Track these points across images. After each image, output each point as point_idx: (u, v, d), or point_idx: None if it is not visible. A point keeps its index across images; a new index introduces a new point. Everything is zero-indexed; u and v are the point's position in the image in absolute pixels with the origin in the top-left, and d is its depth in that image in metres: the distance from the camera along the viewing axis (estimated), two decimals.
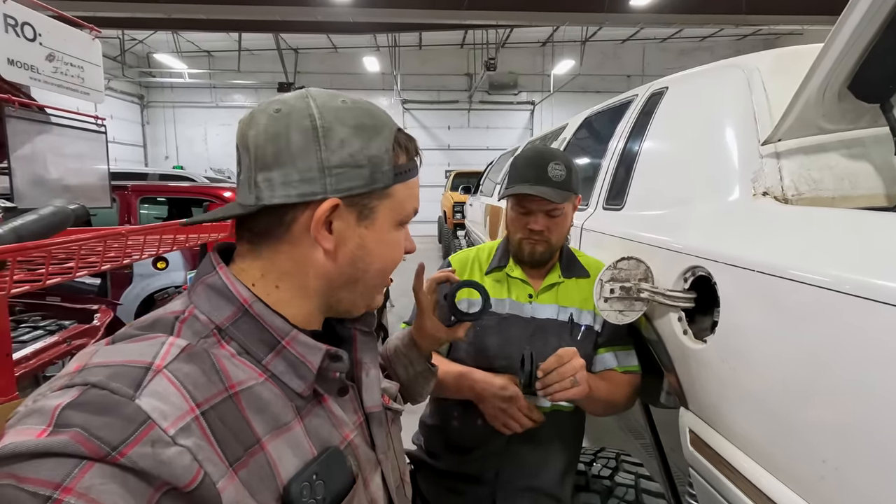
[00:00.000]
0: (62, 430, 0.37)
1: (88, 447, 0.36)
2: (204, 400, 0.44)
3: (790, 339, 0.76)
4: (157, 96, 14.40)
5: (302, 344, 0.53)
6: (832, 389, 0.69)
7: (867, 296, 0.65)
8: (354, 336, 0.65)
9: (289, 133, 0.50)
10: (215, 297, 0.52)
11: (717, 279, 0.92)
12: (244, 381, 0.48)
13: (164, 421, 0.40)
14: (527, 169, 1.18)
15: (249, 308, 0.52)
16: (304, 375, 0.52)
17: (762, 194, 1.00)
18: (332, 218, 0.53)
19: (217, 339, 0.50)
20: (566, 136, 2.56)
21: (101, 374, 0.41)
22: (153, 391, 0.41)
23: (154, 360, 0.43)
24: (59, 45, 1.38)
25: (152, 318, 0.50)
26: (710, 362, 0.94)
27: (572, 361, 1.02)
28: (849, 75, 0.89)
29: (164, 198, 5.03)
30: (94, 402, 0.39)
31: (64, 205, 1.08)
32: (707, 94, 1.31)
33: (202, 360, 0.46)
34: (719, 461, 0.90)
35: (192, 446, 0.41)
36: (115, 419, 0.38)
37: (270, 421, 0.49)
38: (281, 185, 0.50)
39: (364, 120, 0.53)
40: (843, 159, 1.02)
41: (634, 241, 1.25)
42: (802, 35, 12.00)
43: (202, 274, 0.53)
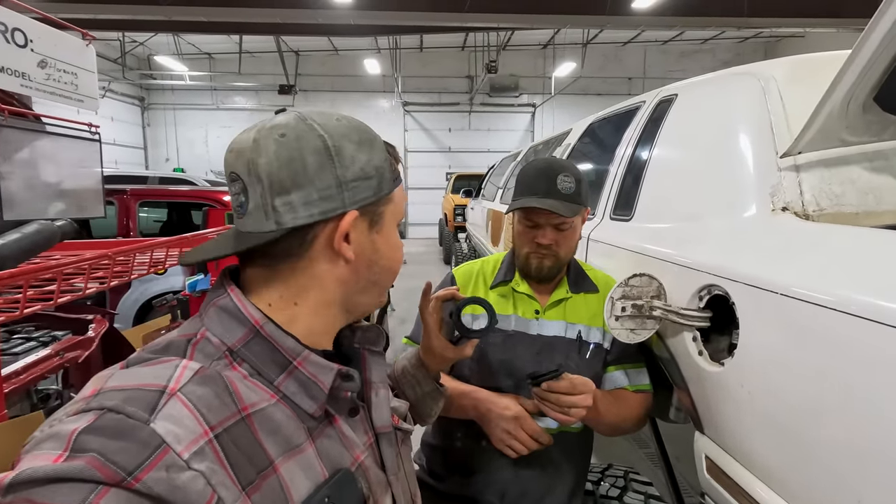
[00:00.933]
0: (78, 456, 0.37)
1: (104, 472, 0.37)
2: (217, 423, 0.45)
3: (813, 365, 0.72)
4: (158, 98, 14.38)
5: (313, 364, 0.53)
6: (857, 418, 0.65)
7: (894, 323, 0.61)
8: (363, 356, 0.65)
9: (303, 156, 0.52)
10: (227, 320, 0.52)
11: (736, 299, 0.88)
12: (256, 403, 0.49)
13: (178, 445, 0.41)
14: (535, 181, 1.14)
15: (261, 329, 0.52)
16: (316, 396, 0.53)
17: (781, 209, 0.96)
18: (352, 228, 0.55)
19: (229, 361, 0.50)
20: (570, 141, 2.52)
21: (117, 398, 0.42)
22: (168, 414, 0.42)
23: (168, 384, 0.44)
24: (52, 52, 1.34)
25: (165, 341, 0.50)
26: (728, 386, 0.89)
27: (585, 397, 0.99)
28: (875, 86, 0.85)
29: (163, 202, 4.99)
30: (111, 426, 0.40)
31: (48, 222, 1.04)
32: (720, 102, 1.27)
33: (215, 383, 0.47)
34: (738, 491, 0.86)
35: (206, 470, 0.41)
36: (131, 444, 0.39)
37: (283, 443, 0.49)
38: (303, 206, 0.52)
39: (363, 135, 0.57)
40: (865, 173, 0.98)
41: (646, 256, 1.21)
42: (804, 38, 11.97)
43: (214, 296, 0.54)
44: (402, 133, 14.74)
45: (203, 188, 5.79)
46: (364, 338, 0.66)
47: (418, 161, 14.77)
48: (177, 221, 5.22)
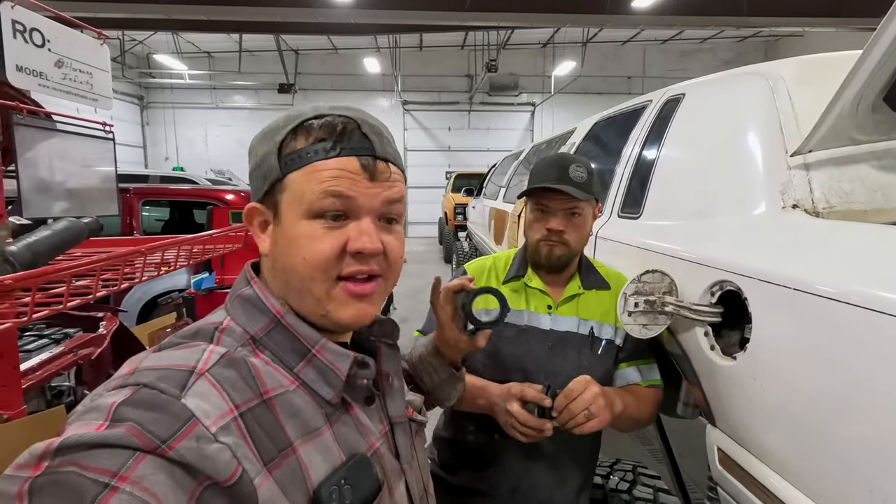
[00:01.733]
0: (118, 424, 0.40)
1: (141, 439, 0.40)
2: (242, 402, 0.47)
3: (825, 357, 0.74)
4: (157, 97, 14.36)
5: (331, 351, 0.56)
6: (869, 409, 0.67)
7: None
8: (379, 348, 0.66)
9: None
10: (250, 309, 0.55)
11: (749, 295, 0.90)
12: (277, 388, 0.51)
13: (206, 419, 0.43)
14: (548, 169, 1.16)
15: (282, 319, 0.55)
16: (333, 383, 0.55)
17: (792, 207, 0.98)
18: (257, 222, 0.57)
19: (252, 348, 0.53)
20: (575, 140, 2.54)
21: (151, 376, 0.45)
22: (197, 392, 0.45)
23: (197, 365, 0.47)
24: (68, 51, 1.35)
25: (194, 328, 0.54)
26: (740, 379, 0.91)
27: (583, 395, 0.99)
28: (885, 86, 0.87)
29: (165, 201, 5.00)
30: (146, 400, 0.42)
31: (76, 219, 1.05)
32: (729, 102, 1.29)
33: (240, 367, 0.50)
34: (751, 481, 0.88)
35: (232, 444, 0.44)
36: (164, 415, 0.42)
37: (302, 426, 0.51)
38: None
39: (274, 123, 0.56)
40: (874, 171, 1.00)
41: (657, 253, 1.22)
42: (803, 37, 12.00)
43: (238, 287, 0.57)
44: (402, 132, 14.74)
45: (206, 187, 5.79)
46: (380, 331, 0.67)
47: (418, 160, 14.78)
48: (179, 220, 5.23)
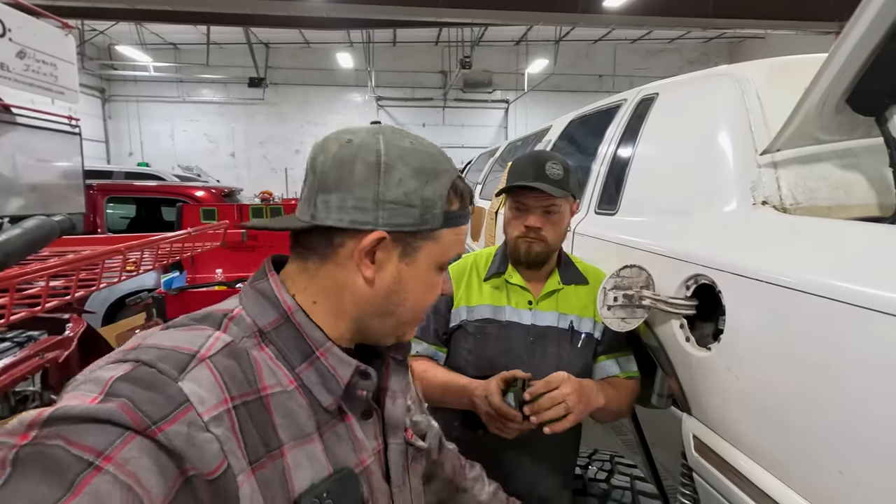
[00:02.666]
0: (112, 399, 0.40)
1: (132, 417, 0.40)
2: (238, 395, 0.47)
3: (794, 346, 0.78)
4: (120, 90, 13.82)
5: (335, 356, 0.55)
6: (837, 395, 0.71)
7: (869, 306, 0.67)
8: (387, 363, 0.65)
9: (354, 163, 0.54)
10: (263, 302, 0.55)
11: (723, 288, 0.93)
12: (275, 386, 0.51)
13: (200, 406, 0.43)
14: (525, 167, 1.18)
15: (291, 316, 0.55)
16: (333, 389, 0.54)
17: (762, 203, 1.02)
18: (376, 249, 0.55)
19: (258, 340, 0.53)
20: (551, 137, 2.57)
21: (153, 354, 0.45)
22: (195, 377, 0.45)
23: (200, 350, 0.47)
24: (31, 42, 1.29)
25: (205, 312, 0.54)
26: (715, 369, 0.95)
27: (562, 388, 1.01)
28: (847, 89, 0.91)
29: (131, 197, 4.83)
30: (143, 377, 0.43)
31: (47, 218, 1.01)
32: (701, 102, 1.33)
33: (241, 358, 0.50)
34: (726, 467, 0.92)
35: (221, 436, 0.44)
36: (159, 396, 0.42)
37: (294, 429, 0.51)
38: (336, 209, 0.54)
39: (426, 163, 0.56)
40: (836, 170, 1.05)
41: (634, 248, 1.26)
42: (765, 39, 12.45)
43: (255, 279, 0.58)
44: None
45: (175, 183, 5.63)
46: (390, 346, 0.65)
47: None
48: (146, 218, 5.07)
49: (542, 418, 1.00)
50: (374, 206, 0.53)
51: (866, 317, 0.67)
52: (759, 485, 0.83)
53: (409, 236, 0.56)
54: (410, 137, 0.58)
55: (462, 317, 1.26)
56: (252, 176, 14.09)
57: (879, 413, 0.65)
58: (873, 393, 0.66)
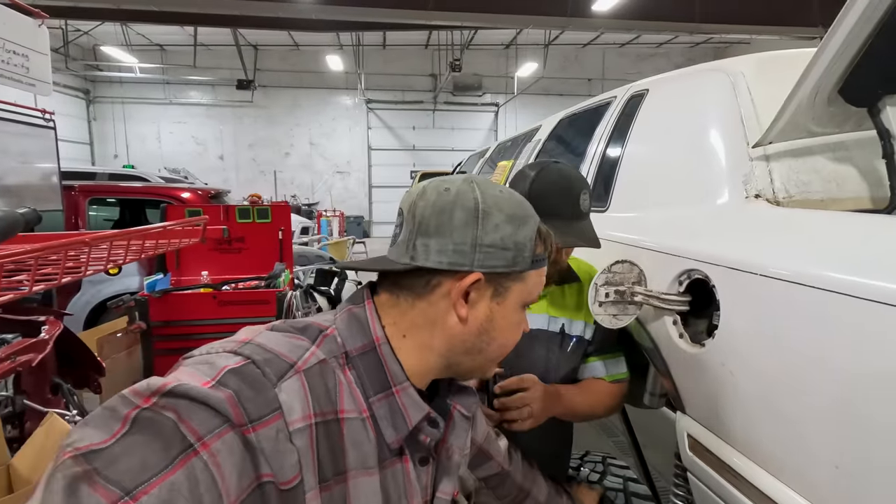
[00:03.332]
0: (222, 388, 0.44)
1: (235, 412, 0.44)
2: (320, 412, 0.50)
3: (792, 339, 0.76)
4: (105, 91, 13.63)
5: (409, 397, 0.57)
6: (834, 388, 0.69)
7: (865, 296, 0.65)
8: (451, 415, 0.67)
9: (454, 210, 0.57)
10: (355, 326, 0.58)
11: (717, 282, 0.91)
12: (351, 411, 0.53)
13: (289, 416, 0.47)
14: (560, 200, 1.06)
15: (378, 347, 0.57)
16: (399, 427, 0.56)
17: (755, 196, 1.01)
18: (471, 290, 0.58)
19: (343, 362, 0.55)
20: (541, 137, 2.56)
21: (261, 354, 0.49)
22: (289, 387, 0.48)
23: (298, 361, 0.51)
24: (1, 32, 1.24)
25: (306, 322, 0.57)
26: (709, 365, 0.93)
27: (531, 390, 1.02)
28: (839, 80, 0.90)
29: (115, 199, 4.73)
30: (250, 375, 0.47)
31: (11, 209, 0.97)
32: (692, 96, 1.32)
33: (329, 377, 0.53)
34: (721, 465, 0.89)
35: (301, 450, 0.47)
36: (259, 396, 0.46)
37: (360, 459, 0.53)
38: (436, 252, 0.57)
39: (517, 210, 0.60)
40: (828, 162, 1.04)
41: (626, 244, 1.24)
42: (750, 44, 12.65)
43: (353, 301, 0.61)
44: (366, 131, 14.58)
45: (158, 184, 5.53)
46: (459, 398, 0.68)
47: (382, 159, 14.67)
48: (130, 220, 4.97)
49: (507, 416, 1.02)
50: (471, 249, 0.57)
51: (863, 307, 0.65)
52: (755, 483, 0.81)
53: (501, 277, 0.59)
54: (500, 187, 0.62)
55: None
56: (241, 179, 13.97)
57: (875, 406, 0.63)
58: (869, 385, 0.64)
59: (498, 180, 3.08)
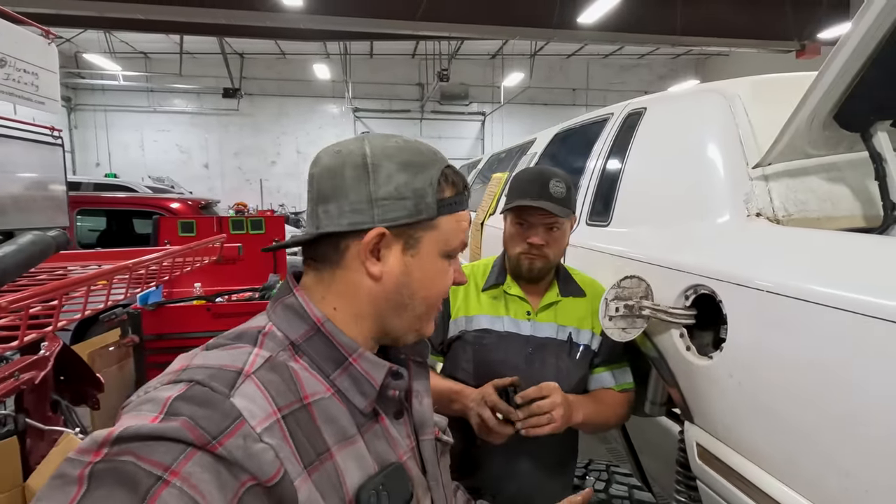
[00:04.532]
0: (173, 418, 0.43)
1: (194, 434, 0.42)
2: (284, 405, 0.50)
3: (796, 353, 0.81)
4: (87, 99, 13.41)
5: (367, 361, 0.58)
6: (839, 398, 0.74)
7: (865, 312, 0.70)
8: (409, 365, 0.67)
9: (343, 169, 0.57)
10: (292, 316, 0.57)
11: (724, 298, 0.96)
12: (316, 393, 0.53)
13: (252, 419, 0.46)
14: (529, 185, 1.19)
15: (322, 327, 0.57)
16: (367, 392, 0.57)
17: (756, 215, 1.06)
18: (379, 246, 0.57)
19: (291, 352, 0.55)
20: (536, 150, 2.61)
21: (203, 374, 0.48)
22: (244, 393, 0.48)
23: (244, 367, 0.50)
24: (12, 50, 1.25)
25: (238, 331, 0.56)
26: (717, 378, 0.97)
27: (552, 396, 1.04)
28: (834, 106, 0.96)
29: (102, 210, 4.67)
30: (199, 396, 0.45)
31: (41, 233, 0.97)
32: (691, 116, 1.38)
33: (282, 371, 0.52)
34: (731, 473, 0.94)
35: (275, 445, 0.46)
36: (215, 413, 0.44)
37: (338, 432, 0.53)
38: (336, 216, 0.56)
39: (412, 157, 0.58)
40: (823, 182, 1.10)
41: (631, 259, 1.28)
42: (729, 56, 13.01)
43: (280, 295, 0.60)
44: None
45: (147, 195, 5.47)
46: (411, 349, 0.68)
47: None
48: (117, 231, 4.90)
49: (529, 423, 1.03)
50: (368, 205, 0.56)
51: (863, 323, 0.70)
52: (766, 490, 0.85)
53: (409, 228, 0.58)
54: (396, 138, 0.60)
55: (461, 327, 1.26)
56: (227, 187, 13.82)
57: (882, 416, 0.68)
58: (875, 396, 0.69)
59: (493, 193, 3.13)
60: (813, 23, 8.40)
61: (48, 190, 1.43)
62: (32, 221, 1.33)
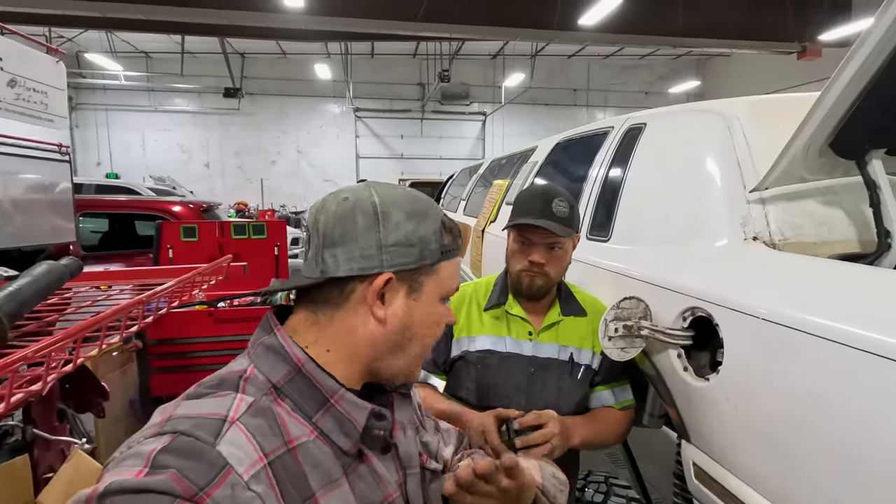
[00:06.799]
0: (159, 472, 0.42)
1: (182, 486, 0.42)
2: (270, 451, 0.50)
3: (791, 380, 0.83)
4: (88, 98, 13.44)
5: (349, 402, 0.58)
6: (831, 426, 0.76)
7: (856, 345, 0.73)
8: (392, 398, 0.68)
9: (355, 215, 0.58)
10: (272, 358, 0.57)
11: (720, 322, 0.98)
12: (299, 437, 0.54)
13: (239, 467, 0.46)
14: (532, 203, 1.21)
15: (302, 367, 0.57)
16: (350, 433, 0.57)
17: (752, 238, 1.08)
18: (385, 290, 0.59)
19: (273, 396, 0.55)
20: (537, 159, 2.63)
21: (187, 424, 0.48)
22: (230, 440, 0.48)
23: (228, 413, 0.50)
24: (22, 70, 1.27)
25: (219, 377, 0.56)
26: (714, 399, 0.99)
27: (550, 426, 1.05)
28: (831, 134, 0.98)
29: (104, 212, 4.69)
30: (184, 447, 0.45)
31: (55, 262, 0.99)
32: (690, 136, 1.40)
33: (266, 416, 0.53)
34: (725, 494, 0.96)
35: (262, 493, 0.46)
36: (201, 463, 0.44)
37: (323, 476, 0.54)
38: (345, 261, 0.58)
39: (415, 206, 0.61)
40: (819, 206, 1.12)
41: (630, 278, 1.30)
42: (730, 57, 13.00)
43: (261, 335, 0.60)
44: (354, 139, 14.58)
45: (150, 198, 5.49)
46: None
47: (370, 167, 14.66)
48: (119, 233, 4.92)
49: (530, 453, 1.04)
50: (378, 251, 0.58)
51: (855, 356, 0.72)
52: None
53: (413, 273, 0.60)
54: (396, 186, 0.63)
55: (463, 347, 1.27)
56: (227, 187, 13.85)
57: (870, 443, 0.70)
58: (864, 425, 0.71)
59: (494, 200, 3.14)
60: (814, 24, 8.40)
61: (56, 205, 1.46)
62: (40, 237, 1.35)
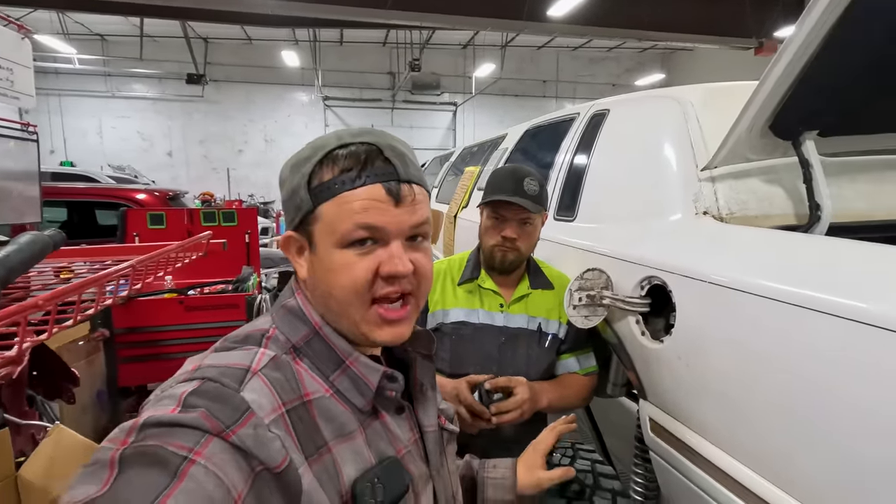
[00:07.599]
0: (190, 410, 0.47)
1: (210, 423, 0.46)
2: (288, 401, 0.54)
3: (735, 338, 0.93)
4: (40, 83, 12.58)
5: (363, 364, 0.61)
6: (773, 379, 0.86)
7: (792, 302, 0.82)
8: (414, 359, 0.71)
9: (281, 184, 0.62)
10: (292, 319, 0.61)
11: (673, 288, 1.07)
12: (315, 392, 0.57)
13: (260, 412, 0.50)
14: (504, 181, 1.28)
15: (320, 330, 0.60)
16: (364, 392, 0.60)
17: (703, 213, 1.18)
18: (290, 250, 0.62)
19: (293, 355, 0.59)
20: (507, 146, 2.70)
21: (214, 372, 0.52)
22: (252, 388, 0.52)
23: (251, 365, 0.54)
24: None
25: (243, 333, 0.60)
26: (668, 359, 1.09)
27: (520, 391, 1.18)
28: (770, 117, 1.08)
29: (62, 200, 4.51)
30: (211, 391, 0.49)
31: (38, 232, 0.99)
32: (649, 120, 1.49)
33: (285, 370, 0.56)
34: (679, 444, 1.06)
35: (281, 435, 0.50)
36: (227, 406, 0.48)
37: (336, 429, 0.57)
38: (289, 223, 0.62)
39: (302, 154, 0.59)
40: (762, 184, 1.23)
41: (594, 253, 1.39)
42: (693, 51, 13.42)
43: (283, 298, 0.63)
44: (324, 128, 14.35)
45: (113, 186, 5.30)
46: (416, 343, 0.70)
47: None
48: (78, 222, 4.75)
49: (503, 419, 1.16)
50: (287, 213, 0.61)
51: (790, 311, 0.82)
52: (710, 458, 0.97)
53: (304, 227, 0.58)
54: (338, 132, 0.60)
55: (438, 319, 1.34)
56: (192, 176, 13.43)
57: (807, 393, 0.79)
58: (795, 373, 0.81)
59: (466, 186, 3.20)
60: (770, 21, 8.78)
61: (22, 186, 1.44)
62: (7, 217, 1.33)
